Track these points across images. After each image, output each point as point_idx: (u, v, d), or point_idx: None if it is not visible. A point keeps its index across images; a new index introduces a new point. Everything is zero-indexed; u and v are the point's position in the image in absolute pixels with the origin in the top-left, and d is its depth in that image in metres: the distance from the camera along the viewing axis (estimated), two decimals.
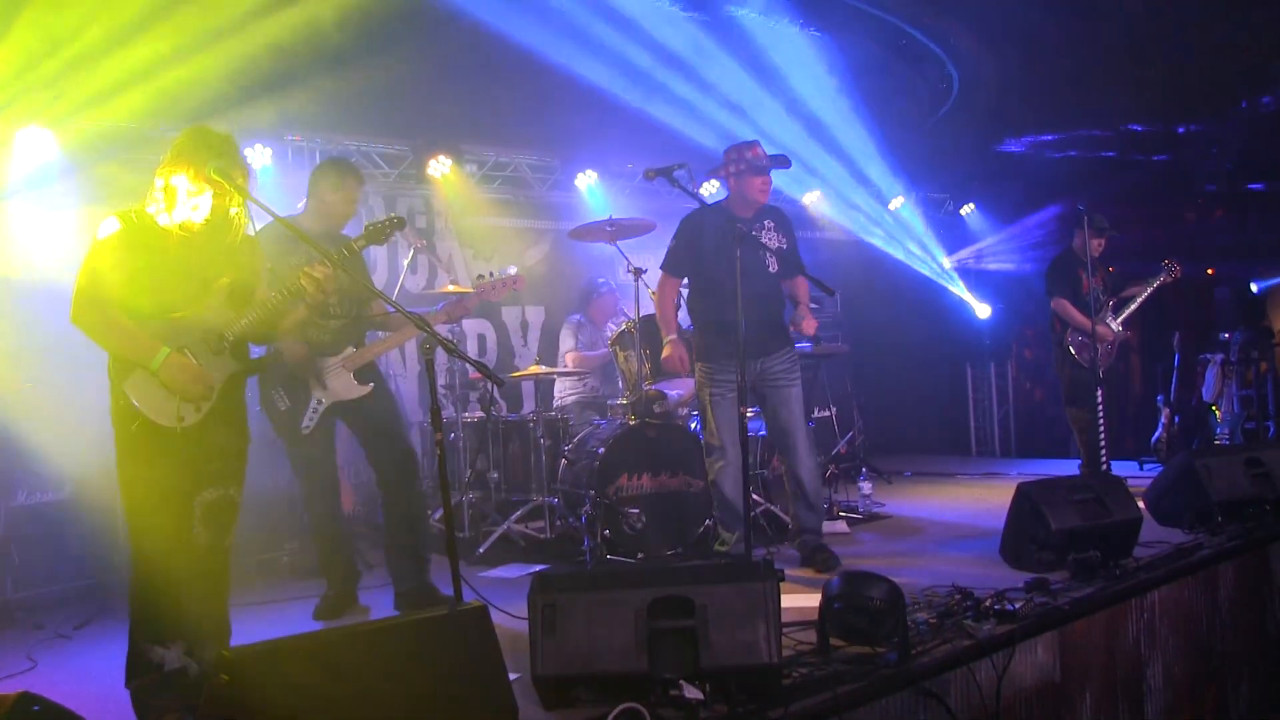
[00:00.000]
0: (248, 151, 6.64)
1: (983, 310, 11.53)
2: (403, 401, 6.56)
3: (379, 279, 7.53)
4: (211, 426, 3.50)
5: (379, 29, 6.03)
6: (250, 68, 5.95)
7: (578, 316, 7.50)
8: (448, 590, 3.54)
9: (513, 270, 5.41)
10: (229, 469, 3.60)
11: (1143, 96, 8.96)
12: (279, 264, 4.39)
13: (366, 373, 4.89)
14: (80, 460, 5.30)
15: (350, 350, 4.85)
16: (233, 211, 3.54)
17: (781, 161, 5.36)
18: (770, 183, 5.41)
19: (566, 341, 7.34)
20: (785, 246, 5.44)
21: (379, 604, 4.91)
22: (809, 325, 5.34)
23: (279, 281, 3.65)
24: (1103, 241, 7.36)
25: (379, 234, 3.99)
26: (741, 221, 5.18)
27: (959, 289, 11.42)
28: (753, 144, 5.39)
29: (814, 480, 5.44)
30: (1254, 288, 10.98)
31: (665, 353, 5.44)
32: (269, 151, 6.85)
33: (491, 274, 5.34)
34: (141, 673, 3.39)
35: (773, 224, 5.47)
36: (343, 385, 4.81)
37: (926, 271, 11.16)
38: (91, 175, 6.12)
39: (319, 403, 4.80)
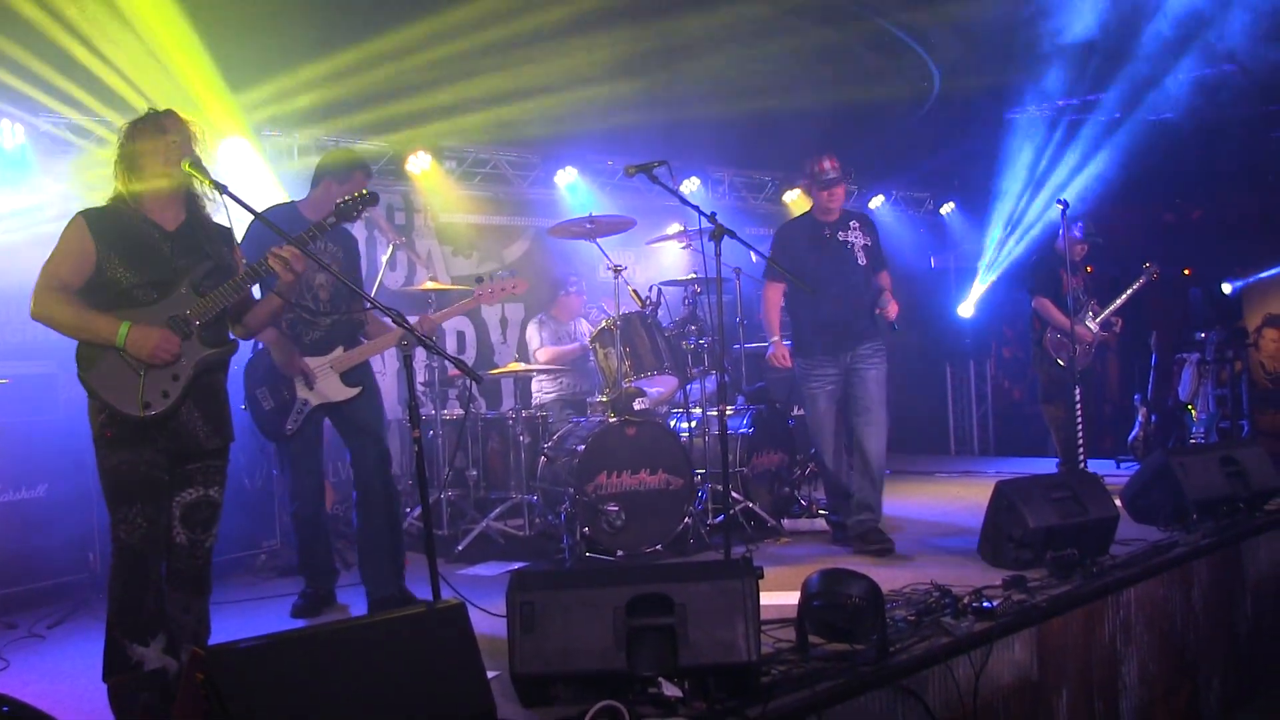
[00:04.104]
0: (224, 145, 6.61)
1: (965, 309, 11.59)
2: (382, 399, 6.49)
3: None
4: (186, 417, 3.45)
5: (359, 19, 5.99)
6: (227, 61, 5.92)
7: (541, 315, 7.47)
8: (424, 593, 3.53)
9: (509, 272, 5.34)
10: (209, 469, 3.56)
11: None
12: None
13: (355, 374, 4.78)
14: (55, 458, 5.25)
15: (339, 351, 4.75)
16: (202, 200, 3.55)
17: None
18: (836, 194, 5.76)
19: (534, 340, 7.31)
20: (871, 243, 5.88)
21: (357, 603, 4.89)
22: (893, 310, 5.72)
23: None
24: (1085, 246, 7.42)
25: (349, 211, 3.86)
26: (826, 226, 5.82)
27: (940, 288, 11.46)
28: (819, 159, 5.74)
29: (878, 458, 5.68)
30: (1227, 288, 11.05)
31: (771, 351, 5.87)
32: (246, 144, 6.79)
33: (492, 276, 5.27)
34: (119, 669, 3.35)
35: (857, 224, 5.89)
36: (330, 387, 4.72)
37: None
38: (61, 170, 6.06)
39: (305, 404, 4.71)
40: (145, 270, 3.41)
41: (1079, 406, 6.69)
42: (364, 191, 3.90)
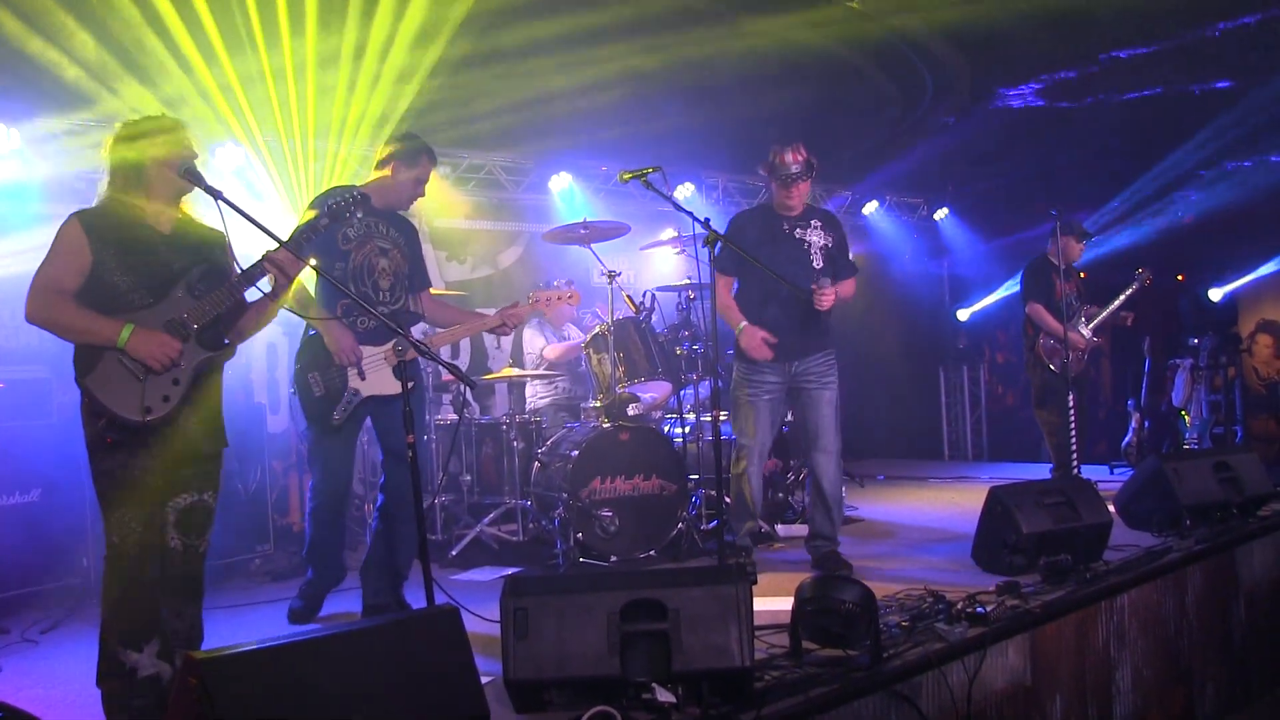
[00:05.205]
0: (219, 151, 6.60)
1: (962, 314, 11.62)
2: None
3: None
4: (183, 421, 3.44)
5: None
6: (221, 66, 5.92)
7: (536, 319, 7.41)
8: (418, 598, 3.51)
9: (564, 281, 5.24)
10: (203, 473, 3.55)
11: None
12: (325, 259, 4.34)
13: (408, 368, 4.65)
14: (48, 463, 5.24)
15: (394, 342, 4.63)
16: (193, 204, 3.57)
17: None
18: (796, 191, 5.23)
19: (536, 341, 7.27)
20: (831, 245, 5.33)
21: (351, 607, 4.88)
22: (825, 298, 5.06)
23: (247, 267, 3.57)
24: (1083, 246, 7.45)
25: (340, 213, 3.84)
26: (785, 220, 5.32)
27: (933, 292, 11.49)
28: (781, 150, 5.20)
29: (834, 487, 5.30)
30: (1216, 295, 11.07)
31: (743, 340, 5.21)
32: (241, 152, 6.78)
33: (546, 284, 5.21)
34: (112, 674, 3.34)
35: (820, 223, 5.37)
36: (382, 379, 4.55)
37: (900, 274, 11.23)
38: (56, 172, 6.06)
39: (355, 394, 4.53)
40: (141, 273, 3.41)
41: (1072, 412, 6.70)
42: (358, 193, 3.91)
